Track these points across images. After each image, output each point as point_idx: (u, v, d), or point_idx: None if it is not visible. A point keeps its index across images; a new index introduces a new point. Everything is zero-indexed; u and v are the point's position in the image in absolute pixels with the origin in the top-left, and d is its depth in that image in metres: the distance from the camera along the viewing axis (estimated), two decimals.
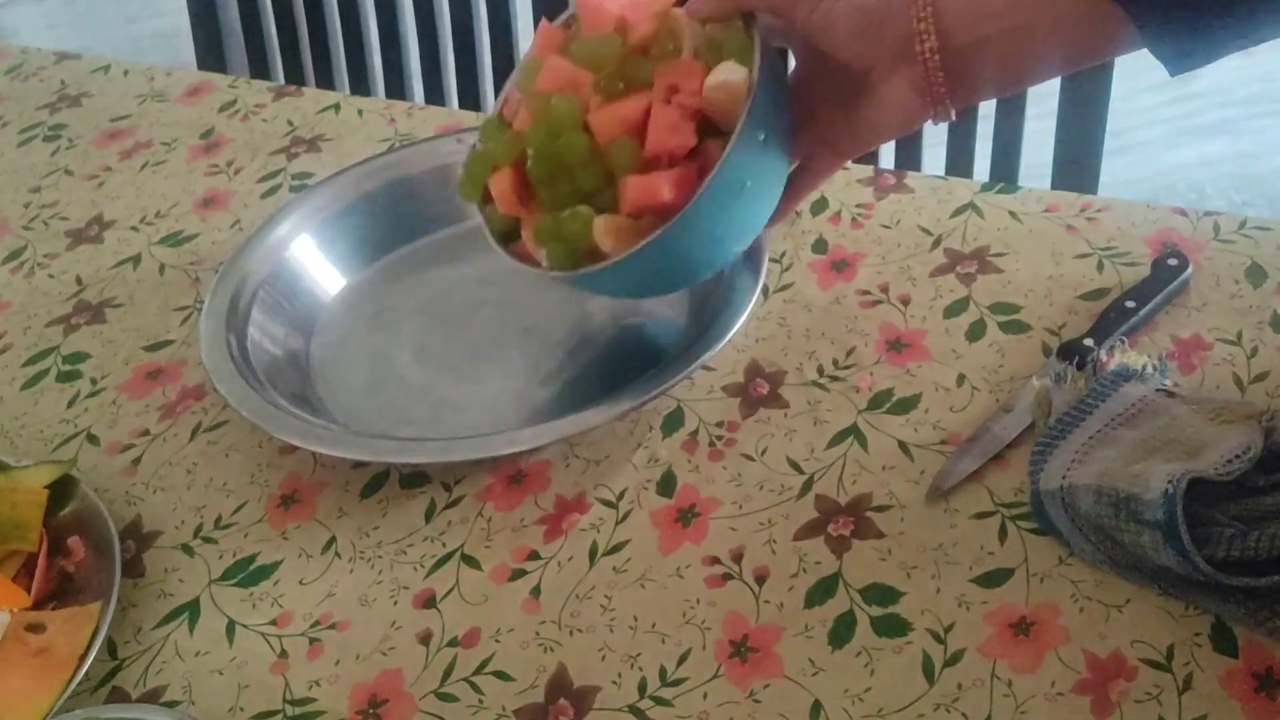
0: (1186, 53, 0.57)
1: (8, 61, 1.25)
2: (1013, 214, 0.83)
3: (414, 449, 0.71)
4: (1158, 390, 0.66)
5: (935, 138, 1.15)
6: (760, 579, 0.64)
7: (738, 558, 0.65)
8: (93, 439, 0.80)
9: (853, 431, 0.70)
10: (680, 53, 0.63)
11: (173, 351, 0.85)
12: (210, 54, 1.41)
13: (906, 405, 0.71)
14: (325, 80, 1.39)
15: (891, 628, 0.61)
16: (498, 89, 1.31)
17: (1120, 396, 0.66)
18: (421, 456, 0.71)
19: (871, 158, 1.15)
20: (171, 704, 0.63)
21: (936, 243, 0.82)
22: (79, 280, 0.94)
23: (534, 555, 0.67)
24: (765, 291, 0.80)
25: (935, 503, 0.66)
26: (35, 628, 0.65)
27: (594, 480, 0.70)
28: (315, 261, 0.87)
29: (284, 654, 0.65)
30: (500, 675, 0.62)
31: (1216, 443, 0.60)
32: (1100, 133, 1.08)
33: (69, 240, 0.98)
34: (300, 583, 0.68)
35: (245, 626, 0.67)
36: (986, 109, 1.12)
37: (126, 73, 1.19)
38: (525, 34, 1.26)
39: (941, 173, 0.99)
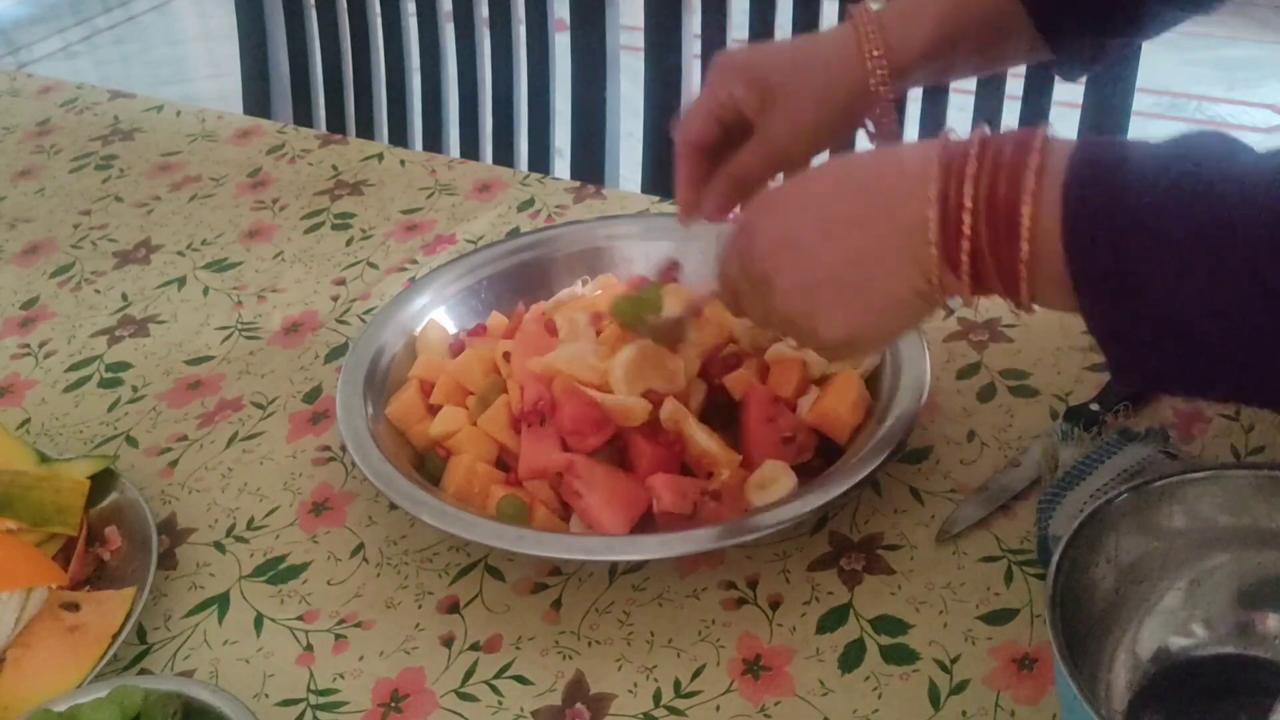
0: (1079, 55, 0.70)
1: (62, 95, 1.31)
2: None
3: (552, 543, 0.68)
4: (1161, 451, 0.70)
5: None
6: (774, 604, 0.67)
7: (753, 584, 0.68)
8: (132, 441, 0.83)
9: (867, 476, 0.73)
10: None
11: (213, 366, 0.88)
12: (258, 104, 1.47)
13: (919, 455, 0.75)
14: (365, 133, 1.44)
15: (900, 656, 0.63)
16: (532, 147, 1.37)
17: (1126, 454, 0.69)
18: (559, 551, 0.68)
19: None
20: None
21: (950, 312, 0.86)
22: (124, 297, 0.97)
23: (556, 570, 0.70)
24: None
25: (944, 545, 0.69)
26: (70, 606, 0.68)
27: None
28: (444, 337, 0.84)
29: (309, 647, 0.67)
30: (520, 679, 0.64)
31: None
32: None
33: (116, 260, 1.02)
34: (328, 583, 0.71)
35: (273, 620, 0.69)
36: None
37: (179, 113, 1.24)
38: (563, 96, 1.32)
39: None
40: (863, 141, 0.74)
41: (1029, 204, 0.51)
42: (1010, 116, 1.14)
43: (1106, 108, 1.09)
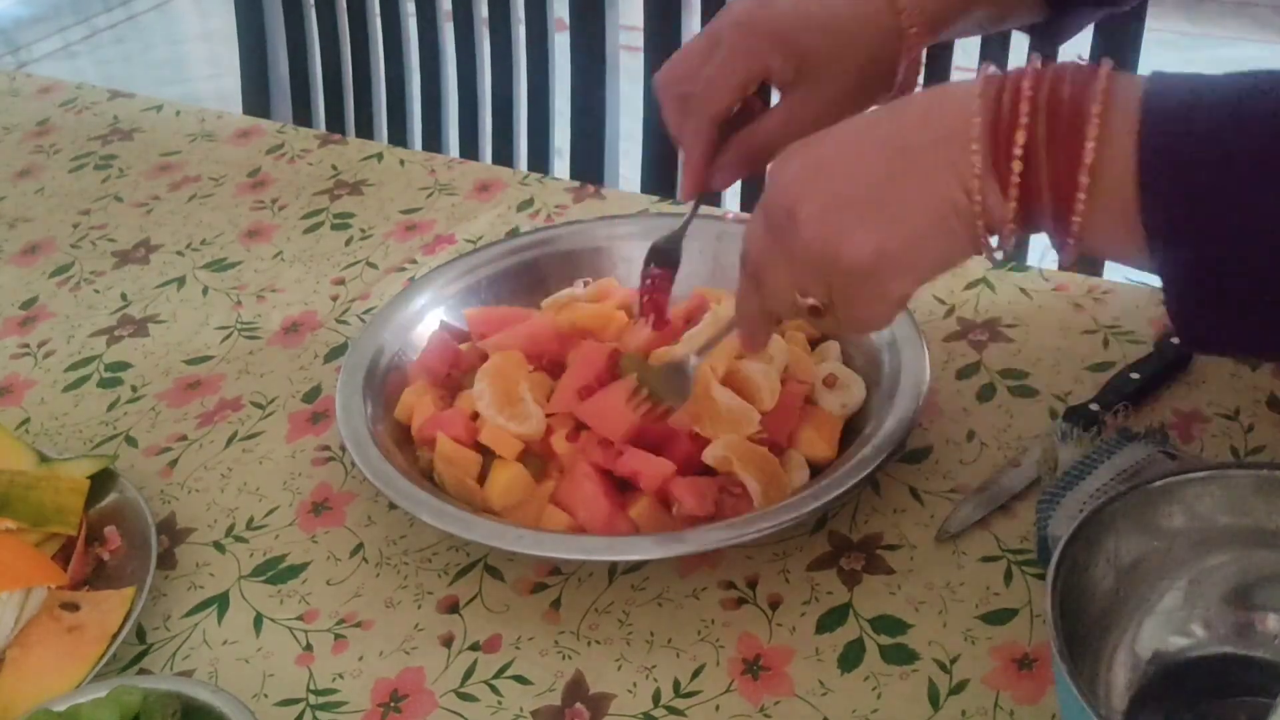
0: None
1: (61, 95, 1.31)
2: (1023, 290, 0.87)
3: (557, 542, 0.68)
4: (1160, 451, 0.70)
5: None
6: (774, 604, 0.67)
7: (753, 584, 0.68)
8: (131, 441, 0.83)
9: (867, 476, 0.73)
10: None
11: (213, 366, 0.88)
12: (257, 104, 1.47)
13: (919, 455, 0.75)
14: (365, 133, 1.44)
15: (899, 656, 0.63)
16: (532, 147, 1.37)
17: (1125, 454, 0.69)
18: (562, 551, 0.68)
19: None
20: None
21: (949, 312, 0.86)
22: (124, 296, 0.97)
23: (555, 570, 0.70)
24: None
25: (944, 545, 0.69)
26: (69, 606, 0.68)
27: None
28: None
29: (309, 647, 0.67)
30: (519, 679, 0.64)
31: None
32: None
33: (116, 260, 1.02)
34: (328, 583, 0.71)
35: (273, 620, 0.69)
36: None
37: (179, 113, 1.24)
38: (563, 96, 1.32)
39: None
40: None
41: (1099, 102, 0.47)
42: None
43: None
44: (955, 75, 1.13)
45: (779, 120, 0.67)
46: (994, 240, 0.52)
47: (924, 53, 0.67)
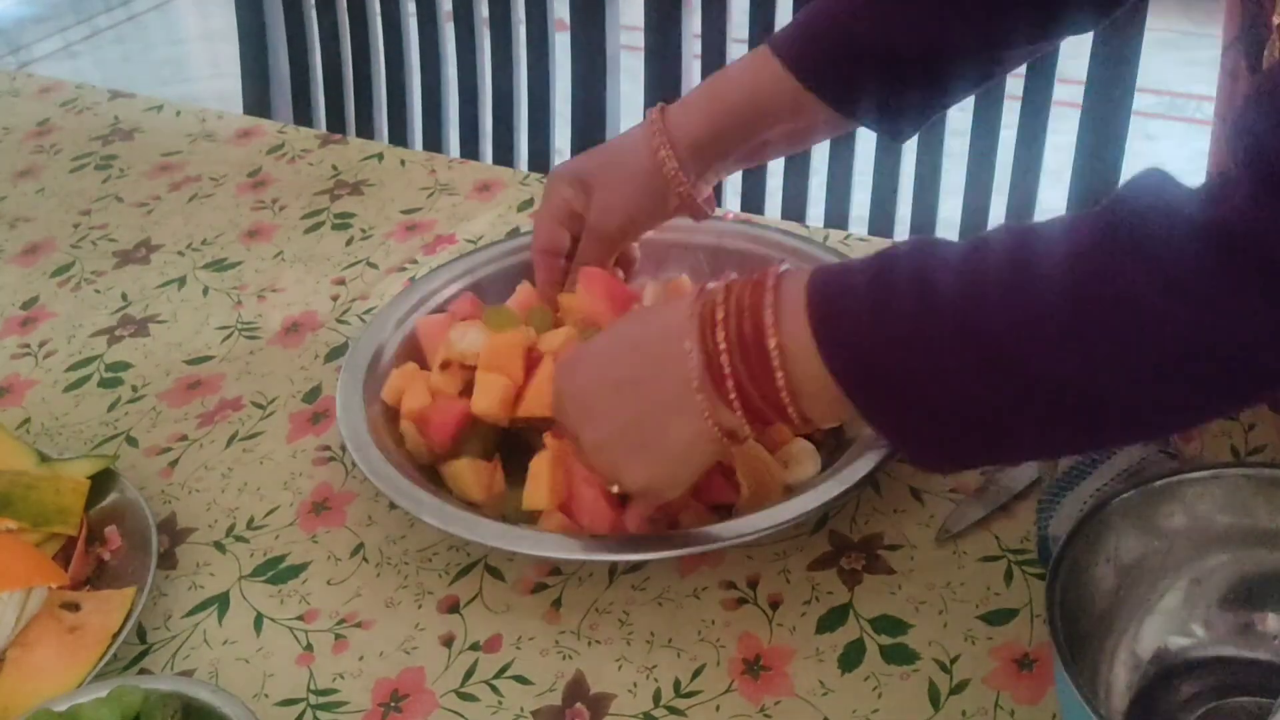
0: (895, 126, 0.78)
1: (62, 95, 1.31)
2: None
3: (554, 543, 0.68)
4: (1160, 451, 0.70)
5: (949, 221, 1.20)
6: (774, 604, 0.67)
7: (753, 584, 0.68)
8: (132, 441, 0.83)
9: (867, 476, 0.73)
10: None
11: (213, 366, 0.88)
12: (258, 104, 1.47)
13: None
14: (365, 133, 1.44)
15: (900, 656, 0.63)
16: (532, 147, 1.37)
17: (1125, 454, 0.69)
18: (557, 551, 0.68)
19: (888, 231, 1.20)
20: None
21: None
22: (124, 296, 0.97)
23: (556, 570, 0.70)
24: None
25: (944, 545, 0.69)
26: (70, 606, 0.68)
27: None
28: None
29: (309, 647, 0.67)
30: (520, 679, 0.64)
31: None
32: None
33: (116, 260, 1.02)
34: (328, 583, 0.71)
35: (273, 620, 0.69)
36: (1001, 183, 1.18)
37: (179, 113, 1.24)
38: (563, 96, 1.32)
39: None
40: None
41: (774, 336, 0.56)
42: (1010, 116, 1.14)
43: (1106, 107, 1.09)
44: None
45: (586, 239, 0.80)
46: (736, 442, 0.61)
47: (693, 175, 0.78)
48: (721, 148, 0.78)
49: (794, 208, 1.24)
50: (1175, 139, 2.66)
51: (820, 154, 1.19)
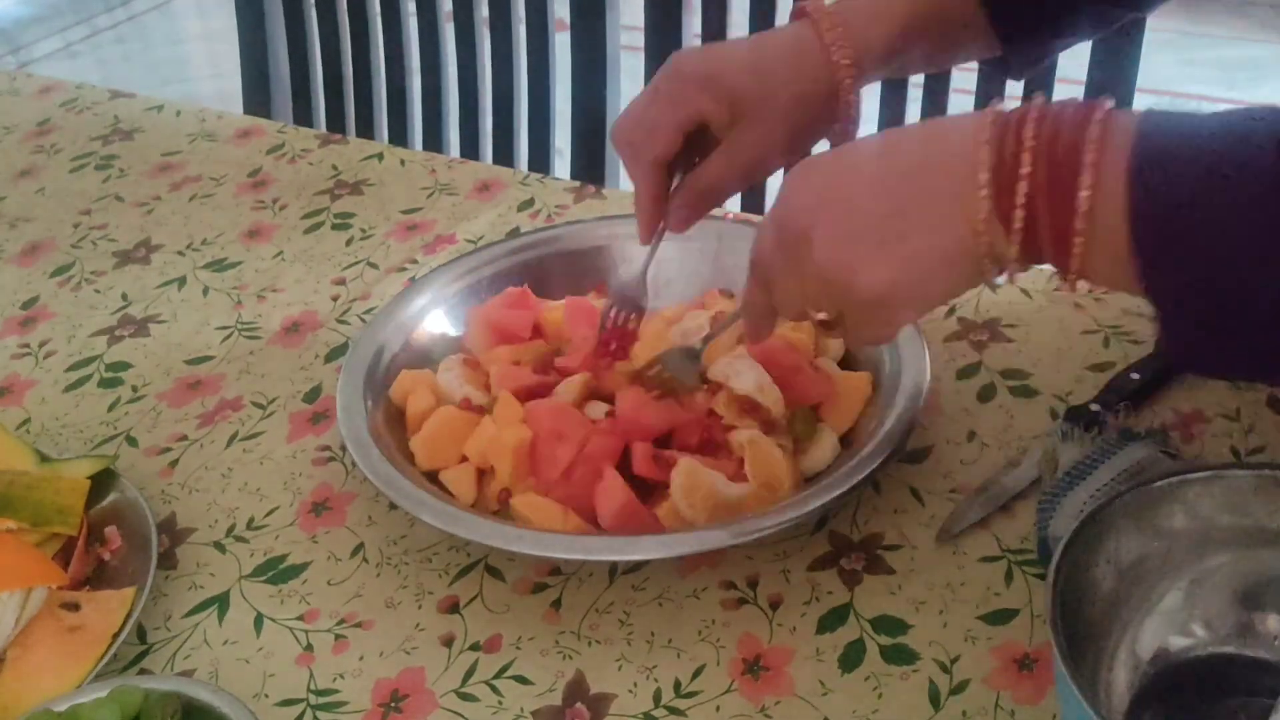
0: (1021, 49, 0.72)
1: (62, 95, 1.31)
2: (1023, 290, 0.87)
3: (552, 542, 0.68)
4: (1161, 451, 0.70)
5: None
6: (774, 604, 0.67)
7: (753, 584, 0.68)
8: (132, 440, 0.83)
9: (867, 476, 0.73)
10: None
11: (213, 366, 0.88)
12: (258, 104, 1.47)
13: (919, 455, 0.74)
14: (365, 133, 1.44)
15: (900, 656, 0.63)
16: (532, 147, 1.37)
17: (1125, 454, 0.69)
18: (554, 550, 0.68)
19: None
20: None
21: (950, 312, 0.86)
22: (124, 296, 0.97)
23: (556, 570, 0.70)
24: None
25: (944, 545, 0.69)
26: (70, 606, 0.68)
27: None
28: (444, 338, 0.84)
29: (310, 647, 0.67)
30: (520, 679, 0.64)
31: None
32: None
33: (116, 260, 1.02)
34: (328, 583, 0.71)
35: (273, 620, 0.69)
36: None
37: (179, 113, 1.24)
38: (563, 96, 1.32)
39: None
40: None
41: (1093, 150, 0.50)
42: None
43: None
44: (955, 73, 1.14)
45: (721, 162, 0.69)
46: (997, 274, 0.55)
47: (859, 93, 0.69)
48: (904, 59, 0.70)
49: None
50: None
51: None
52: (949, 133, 0.55)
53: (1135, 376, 0.77)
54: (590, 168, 1.31)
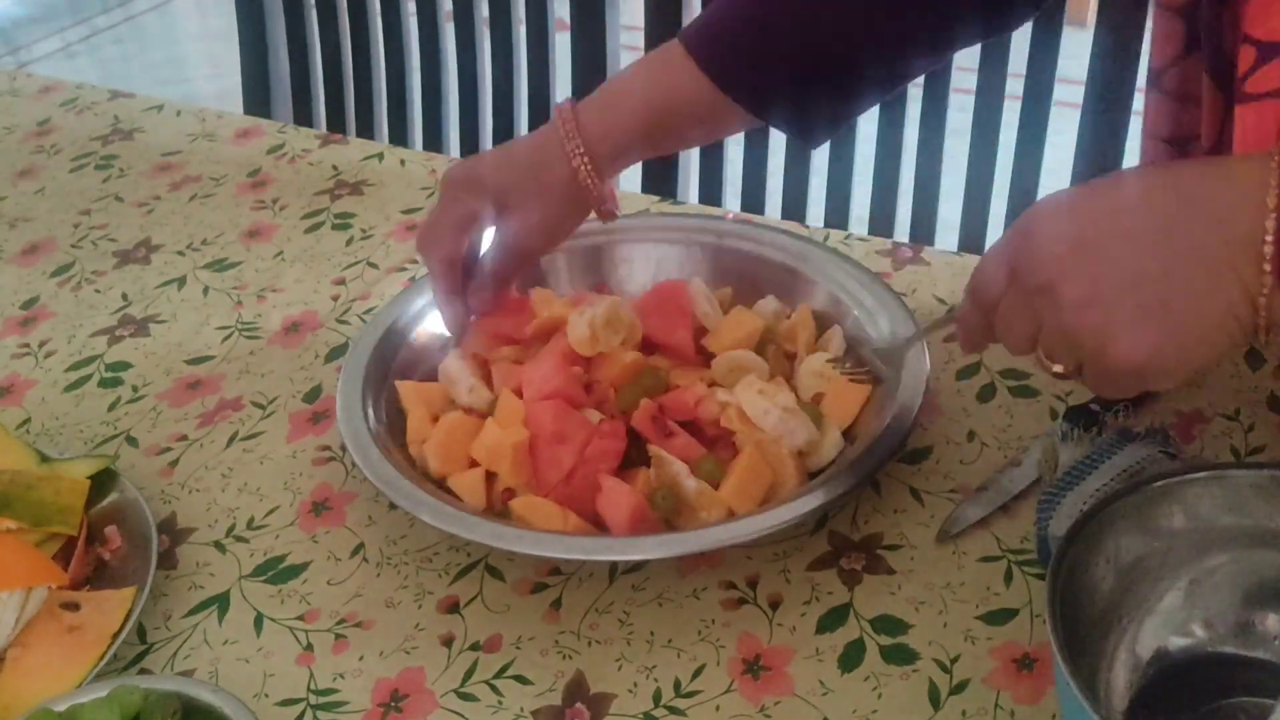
0: (808, 129, 0.77)
1: (62, 95, 1.31)
2: None
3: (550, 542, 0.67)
4: (1161, 451, 0.70)
5: (948, 221, 1.21)
6: (774, 604, 0.67)
7: (753, 584, 0.68)
8: (132, 440, 0.83)
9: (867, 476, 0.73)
10: None
11: (213, 366, 0.88)
12: (258, 104, 1.47)
13: (919, 455, 0.75)
14: (365, 133, 1.44)
15: (900, 656, 0.63)
16: None
17: (1125, 454, 0.69)
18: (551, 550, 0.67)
19: (888, 231, 1.21)
20: None
21: (950, 311, 0.86)
22: (124, 296, 0.97)
23: (556, 570, 0.70)
24: None
25: (944, 545, 0.69)
26: (70, 606, 0.68)
27: None
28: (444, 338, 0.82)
29: (310, 647, 0.67)
30: (520, 679, 0.64)
31: None
32: None
33: (116, 260, 1.02)
34: (328, 583, 0.71)
35: (273, 620, 0.69)
36: (1001, 184, 1.17)
37: (179, 113, 1.24)
38: (563, 96, 1.32)
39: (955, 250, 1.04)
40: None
41: None
42: (1010, 115, 1.14)
43: (1106, 107, 1.09)
44: (956, 76, 1.14)
45: (495, 250, 0.78)
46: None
47: (615, 181, 0.78)
48: (638, 151, 0.77)
49: (794, 208, 1.24)
50: None
51: (820, 154, 1.19)
52: (1223, 183, 0.50)
53: None
54: None
